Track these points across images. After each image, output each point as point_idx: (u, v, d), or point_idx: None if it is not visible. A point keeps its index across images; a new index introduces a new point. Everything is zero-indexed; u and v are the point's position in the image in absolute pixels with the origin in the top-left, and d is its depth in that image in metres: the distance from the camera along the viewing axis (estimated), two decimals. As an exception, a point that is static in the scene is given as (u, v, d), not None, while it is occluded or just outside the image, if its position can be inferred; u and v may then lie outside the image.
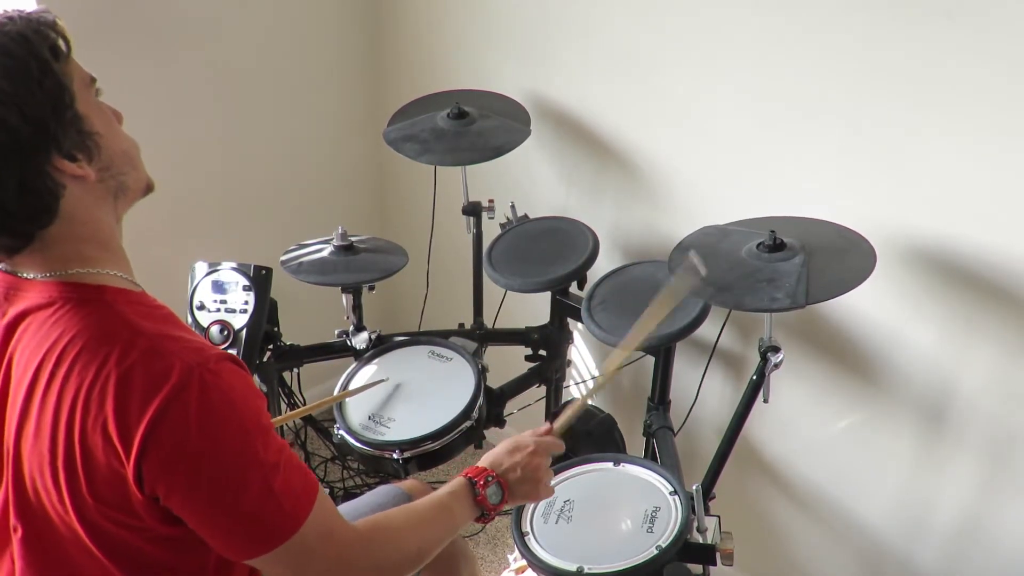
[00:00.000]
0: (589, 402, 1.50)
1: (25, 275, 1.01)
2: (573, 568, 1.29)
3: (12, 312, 1.02)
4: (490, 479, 1.21)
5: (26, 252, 0.99)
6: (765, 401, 1.55)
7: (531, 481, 1.24)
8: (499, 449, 1.27)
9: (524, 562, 1.39)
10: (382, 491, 1.54)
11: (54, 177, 0.95)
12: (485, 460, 1.25)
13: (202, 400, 0.95)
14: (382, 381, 1.77)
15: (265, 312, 1.77)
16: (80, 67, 0.99)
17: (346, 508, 1.47)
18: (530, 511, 1.41)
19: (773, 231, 1.46)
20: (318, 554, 1.02)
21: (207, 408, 0.95)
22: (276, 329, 1.89)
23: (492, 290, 1.98)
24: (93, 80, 1.00)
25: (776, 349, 1.51)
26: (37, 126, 0.92)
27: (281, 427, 2.02)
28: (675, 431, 1.78)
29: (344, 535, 1.06)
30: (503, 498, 1.21)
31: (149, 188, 1.08)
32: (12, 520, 1.04)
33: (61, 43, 0.97)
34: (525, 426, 1.46)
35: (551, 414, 1.53)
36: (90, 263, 1.01)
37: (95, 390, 0.95)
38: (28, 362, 1.00)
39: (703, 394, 1.92)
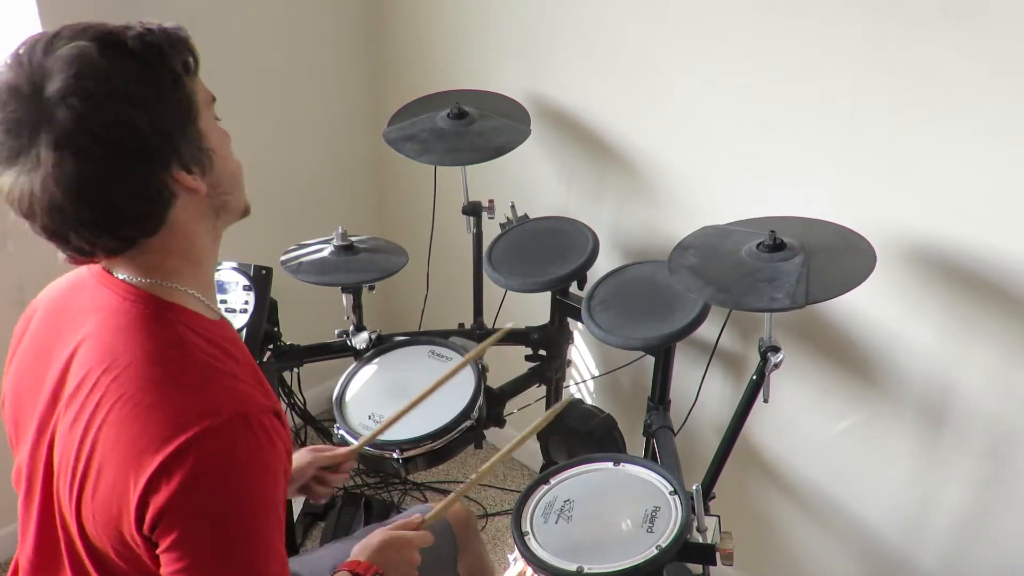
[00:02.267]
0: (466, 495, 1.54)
1: (116, 273, 1.02)
2: (573, 568, 1.29)
3: (94, 305, 1.03)
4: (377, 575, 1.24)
5: (122, 258, 1.00)
6: (765, 401, 1.55)
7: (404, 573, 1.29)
8: (376, 543, 1.29)
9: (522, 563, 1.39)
10: (419, 510, 1.52)
11: (170, 186, 0.96)
12: (365, 554, 1.27)
13: (226, 452, 0.94)
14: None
15: (265, 312, 1.77)
16: (204, 86, 1.02)
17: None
18: (530, 511, 1.41)
19: (773, 231, 1.46)
20: None
21: (229, 461, 0.94)
22: (276, 329, 1.89)
23: (492, 290, 1.98)
24: (214, 99, 1.04)
25: (776, 349, 1.51)
26: (164, 135, 0.94)
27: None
28: (675, 431, 1.78)
29: None
30: None
31: (246, 212, 1.11)
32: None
33: (191, 60, 0.99)
34: (525, 425, 1.46)
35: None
36: (173, 277, 1.02)
37: (127, 408, 0.95)
38: (84, 361, 1.00)
39: (703, 394, 1.92)
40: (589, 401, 2.16)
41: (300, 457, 1.42)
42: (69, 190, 0.90)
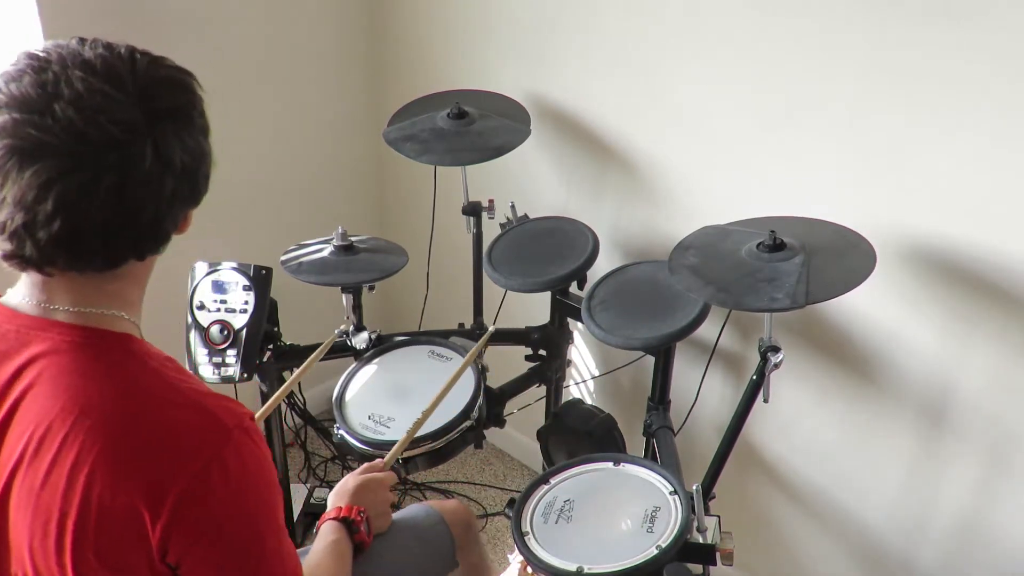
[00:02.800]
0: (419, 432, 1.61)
1: (53, 307, 0.97)
2: (573, 568, 1.29)
3: (25, 355, 0.97)
4: (362, 515, 1.35)
5: (87, 275, 0.96)
6: (765, 401, 1.55)
7: (384, 515, 1.42)
8: (352, 487, 1.40)
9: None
10: (418, 509, 1.56)
11: (178, 222, 1.00)
12: (344, 499, 1.37)
13: (240, 463, 0.96)
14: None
15: (265, 312, 1.77)
16: None
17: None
18: (530, 511, 1.41)
19: (773, 231, 1.46)
20: None
21: (244, 471, 0.96)
22: (276, 329, 1.89)
23: (492, 290, 1.98)
24: None
25: (776, 349, 1.51)
26: (208, 177, 1.01)
27: (281, 427, 2.02)
28: (675, 431, 1.78)
29: None
30: (369, 531, 1.36)
31: None
32: None
33: None
34: (525, 425, 1.46)
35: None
36: (127, 306, 1.01)
37: (123, 446, 0.93)
38: (39, 416, 0.95)
39: (703, 394, 1.92)
40: (589, 401, 2.16)
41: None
42: (148, 193, 0.92)
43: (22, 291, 0.99)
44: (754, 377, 1.54)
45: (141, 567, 0.96)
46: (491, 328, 1.86)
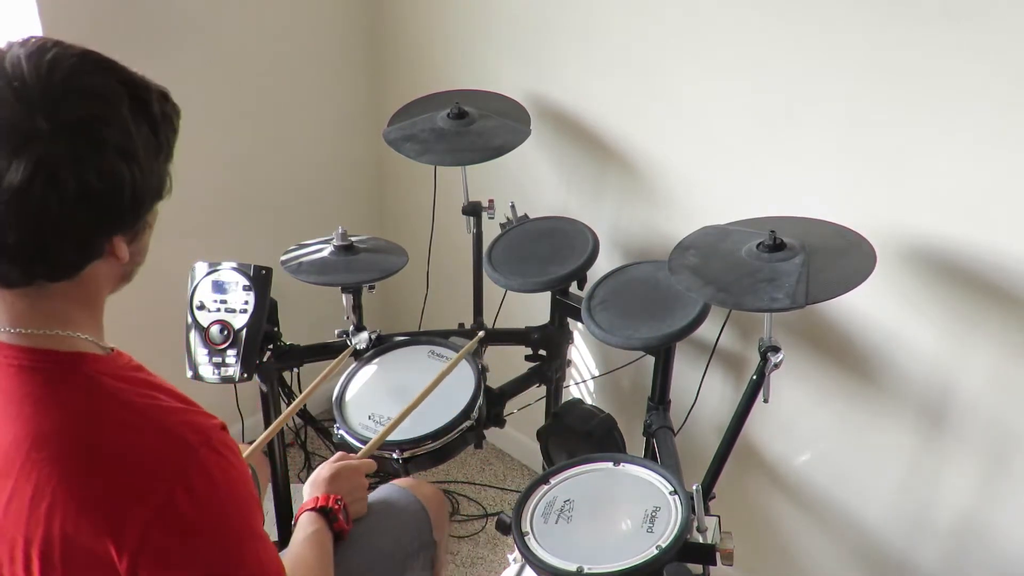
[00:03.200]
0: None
1: None
2: (573, 568, 1.29)
3: None
4: (339, 503, 1.35)
5: (12, 296, 0.92)
6: (765, 401, 1.55)
7: (360, 500, 1.42)
8: (326, 475, 1.40)
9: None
10: (393, 490, 1.56)
11: (103, 246, 0.92)
12: (320, 489, 1.36)
13: (207, 482, 0.92)
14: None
15: (265, 312, 1.77)
16: None
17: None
18: (530, 511, 1.41)
19: (773, 231, 1.46)
20: None
21: (213, 489, 0.93)
22: (276, 329, 1.89)
23: (492, 290, 1.98)
24: None
25: (776, 349, 1.51)
26: (136, 204, 0.91)
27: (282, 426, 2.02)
28: (675, 431, 1.78)
29: None
30: (348, 519, 1.37)
31: (127, 281, 1.04)
32: None
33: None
34: (525, 425, 1.46)
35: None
36: (70, 325, 0.94)
37: (81, 477, 0.89)
38: None
39: (703, 394, 1.92)
40: (589, 401, 2.16)
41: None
42: (15, 211, 0.84)
43: None
44: (754, 377, 1.54)
45: None
46: (480, 333, 1.86)
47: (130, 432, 0.91)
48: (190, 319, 1.76)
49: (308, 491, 1.39)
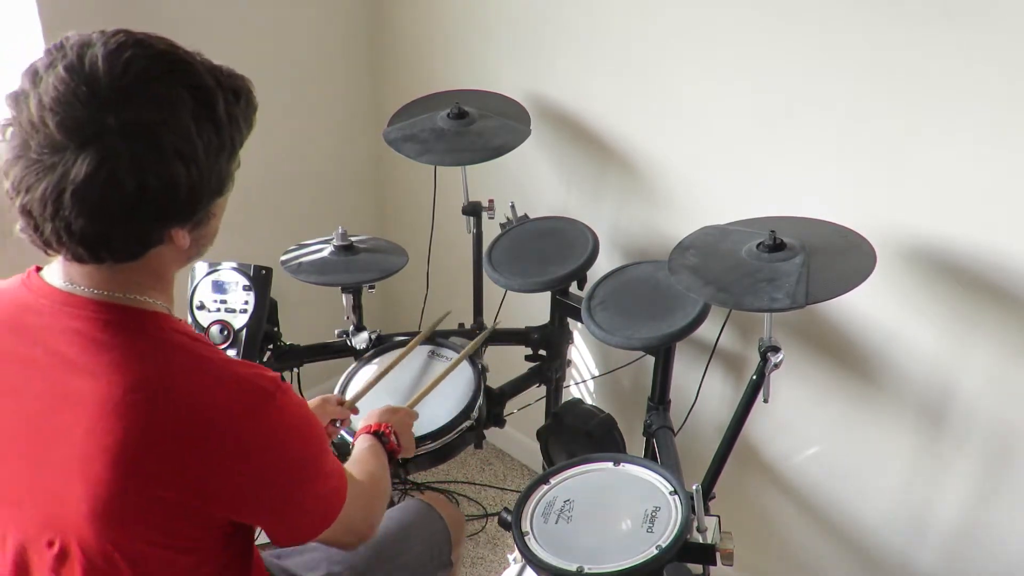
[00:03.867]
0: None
1: (80, 287, 0.99)
2: (573, 568, 1.29)
3: (61, 328, 0.99)
4: (390, 428, 1.44)
5: (90, 267, 0.98)
6: (765, 401, 1.55)
7: (409, 443, 1.50)
8: (381, 409, 1.51)
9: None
10: (417, 507, 1.58)
11: (162, 236, 0.97)
12: (375, 418, 1.48)
13: (283, 418, 1.01)
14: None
15: (265, 312, 1.77)
16: None
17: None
18: (530, 511, 1.41)
19: (773, 231, 1.46)
20: (357, 511, 1.16)
21: (289, 425, 1.02)
22: (276, 329, 1.89)
23: (492, 290, 1.98)
24: (239, 165, 1.04)
25: (776, 349, 1.51)
26: (194, 202, 0.96)
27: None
28: (675, 431, 1.78)
29: (363, 489, 1.22)
30: (399, 444, 1.46)
31: (197, 259, 1.12)
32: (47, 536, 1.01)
33: (248, 133, 1.04)
34: (525, 425, 1.46)
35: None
36: (145, 292, 1.02)
37: (172, 418, 0.96)
38: (87, 387, 0.97)
39: (703, 394, 1.92)
40: (589, 401, 2.16)
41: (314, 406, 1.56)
42: (80, 200, 0.89)
43: (54, 268, 1.02)
44: (754, 377, 1.54)
45: (188, 526, 1.01)
46: (490, 327, 1.86)
47: (212, 380, 0.99)
48: (190, 319, 1.77)
49: (363, 421, 1.48)
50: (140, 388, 0.95)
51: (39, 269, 1.04)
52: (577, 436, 1.81)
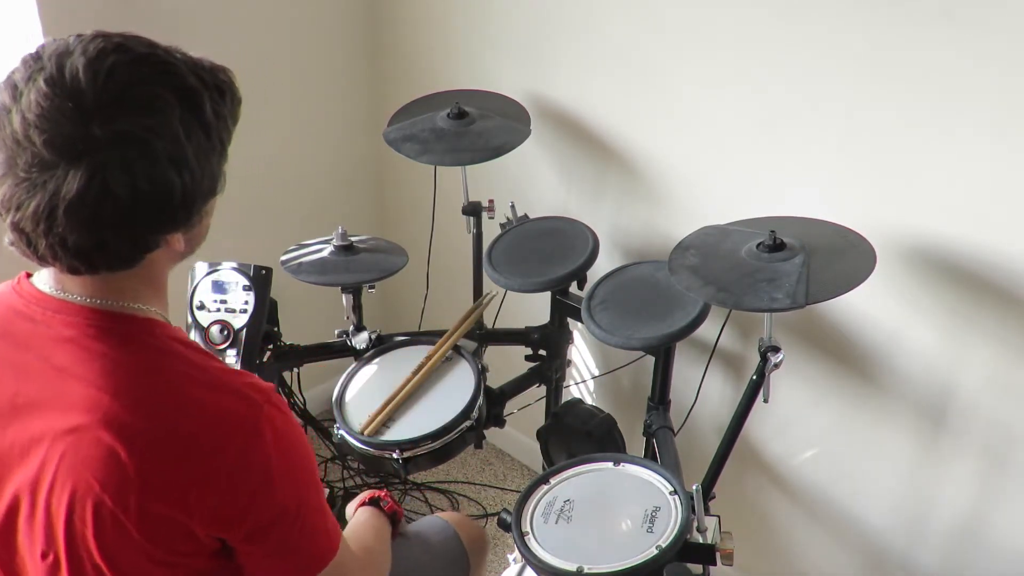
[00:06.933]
0: None
1: (72, 295, 0.98)
2: (573, 568, 1.29)
3: (54, 336, 0.97)
4: (386, 492, 1.43)
5: (84, 276, 0.97)
6: (765, 401, 1.55)
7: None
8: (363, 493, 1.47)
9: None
10: (430, 523, 1.58)
11: (158, 241, 0.96)
12: (363, 494, 1.44)
13: (275, 432, 0.99)
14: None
15: (265, 312, 1.77)
16: None
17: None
18: (530, 511, 1.41)
19: (773, 231, 1.46)
20: (349, 570, 1.13)
21: (279, 438, 0.99)
22: (276, 329, 1.89)
23: (492, 290, 1.98)
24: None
25: (776, 349, 1.51)
26: (187, 207, 0.95)
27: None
28: (675, 431, 1.78)
29: (358, 557, 1.18)
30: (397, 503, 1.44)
31: (188, 256, 1.10)
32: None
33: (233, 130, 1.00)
34: (525, 425, 1.46)
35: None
36: (139, 299, 1.00)
37: (160, 429, 0.94)
38: (76, 395, 0.95)
39: (703, 394, 1.92)
40: (589, 401, 2.16)
41: None
42: (73, 215, 0.87)
43: (45, 275, 1.01)
44: (754, 377, 1.54)
45: (188, 544, 0.99)
46: (488, 294, 1.85)
47: (203, 389, 0.97)
48: (190, 319, 1.77)
49: (350, 508, 1.44)
50: (131, 396, 0.94)
51: (29, 275, 1.03)
52: (577, 436, 1.81)
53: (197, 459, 0.95)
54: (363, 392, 1.79)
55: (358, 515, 1.39)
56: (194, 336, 1.76)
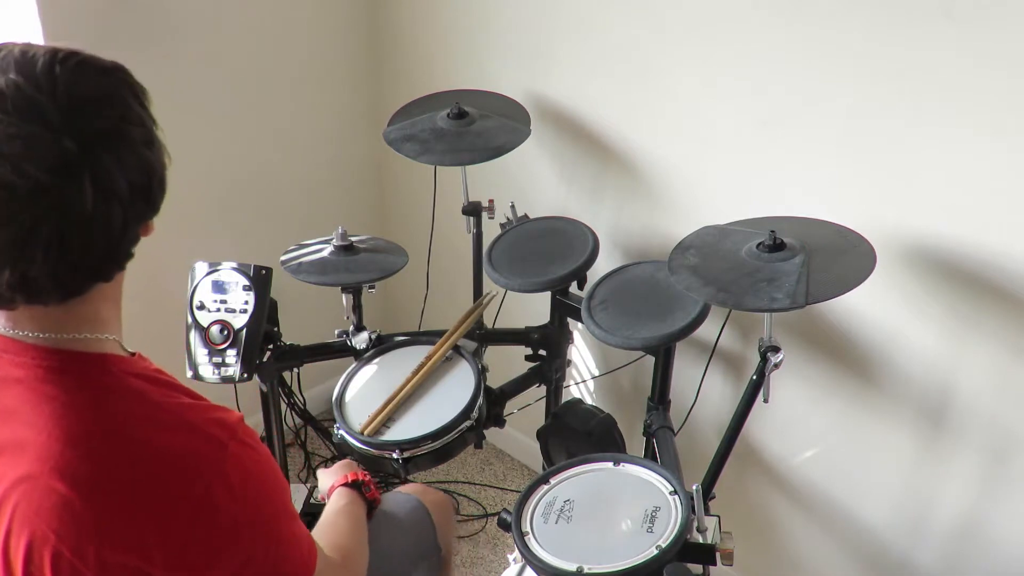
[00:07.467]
0: None
1: (22, 332, 0.93)
2: (573, 568, 1.29)
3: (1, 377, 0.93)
4: (368, 477, 1.44)
5: (38, 309, 0.91)
6: (765, 401, 1.55)
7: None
8: (344, 461, 1.53)
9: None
10: (396, 500, 1.57)
11: (137, 235, 0.94)
12: (344, 468, 1.47)
13: (241, 473, 0.95)
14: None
15: (265, 312, 1.77)
16: None
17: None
18: (530, 511, 1.41)
19: (773, 231, 1.46)
20: None
21: (246, 479, 0.95)
22: (276, 329, 1.89)
23: (492, 290, 1.98)
24: None
25: (776, 349, 1.51)
26: (164, 182, 0.94)
27: (281, 427, 2.02)
28: (675, 431, 1.78)
29: (334, 563, 1.16)
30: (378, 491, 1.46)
31: None
32: None
33: None
34: (525, 425, 1.46)
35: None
36: (99, 326, 0.96)
37: (116, 475, 0.90)
38: (26, 442, 0.90)
39: (703, 394, 1.92)
40: (589, 401, 2.16)
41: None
42: (83, 231, 0.85)
43: None
44: (754, 377, 1.54)
45: None
46: (488, 294, 1.85)
47: (162, 431, 0.93)
48: (190, 319, 1.77)
49: (327, 478, 1.45)
50: (83, 443, 0.89)
51: None
52: (577, 436, 1.81)
53: (156, 506, 0.91)
54: (363, 392, 1.79)
55: (336, 498, 1.37)
56: (194, 336, 1.76)
